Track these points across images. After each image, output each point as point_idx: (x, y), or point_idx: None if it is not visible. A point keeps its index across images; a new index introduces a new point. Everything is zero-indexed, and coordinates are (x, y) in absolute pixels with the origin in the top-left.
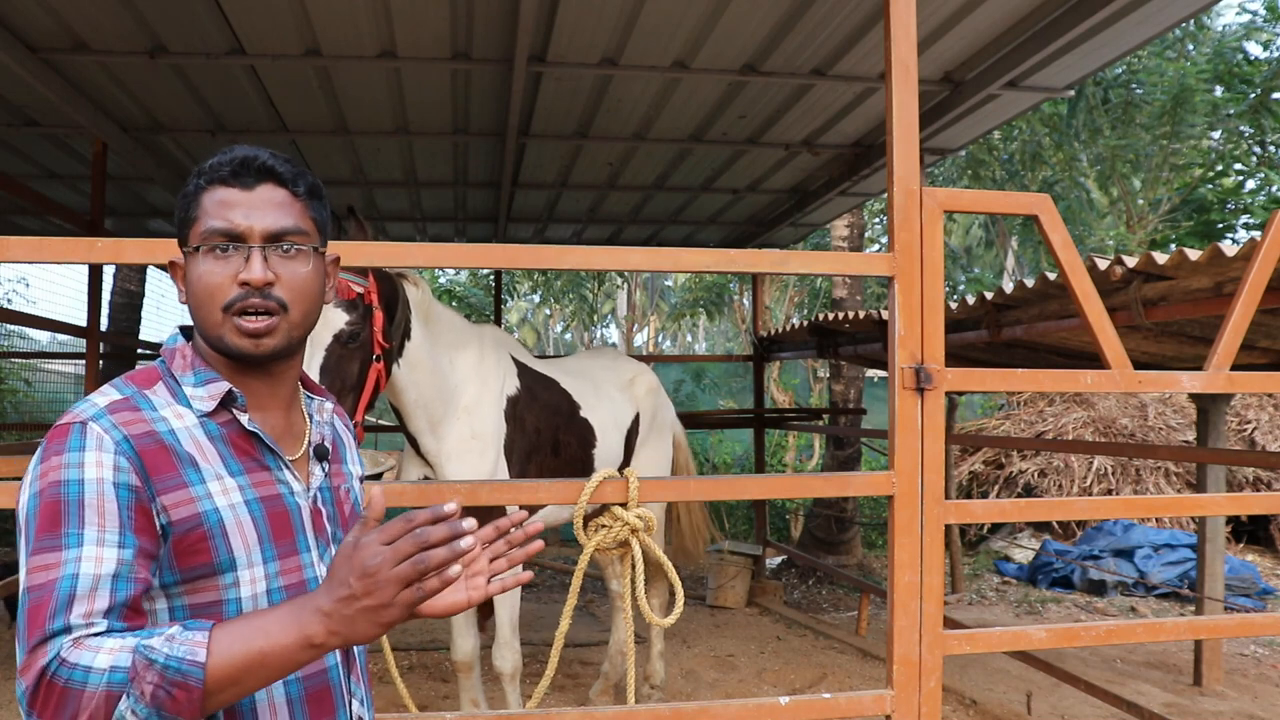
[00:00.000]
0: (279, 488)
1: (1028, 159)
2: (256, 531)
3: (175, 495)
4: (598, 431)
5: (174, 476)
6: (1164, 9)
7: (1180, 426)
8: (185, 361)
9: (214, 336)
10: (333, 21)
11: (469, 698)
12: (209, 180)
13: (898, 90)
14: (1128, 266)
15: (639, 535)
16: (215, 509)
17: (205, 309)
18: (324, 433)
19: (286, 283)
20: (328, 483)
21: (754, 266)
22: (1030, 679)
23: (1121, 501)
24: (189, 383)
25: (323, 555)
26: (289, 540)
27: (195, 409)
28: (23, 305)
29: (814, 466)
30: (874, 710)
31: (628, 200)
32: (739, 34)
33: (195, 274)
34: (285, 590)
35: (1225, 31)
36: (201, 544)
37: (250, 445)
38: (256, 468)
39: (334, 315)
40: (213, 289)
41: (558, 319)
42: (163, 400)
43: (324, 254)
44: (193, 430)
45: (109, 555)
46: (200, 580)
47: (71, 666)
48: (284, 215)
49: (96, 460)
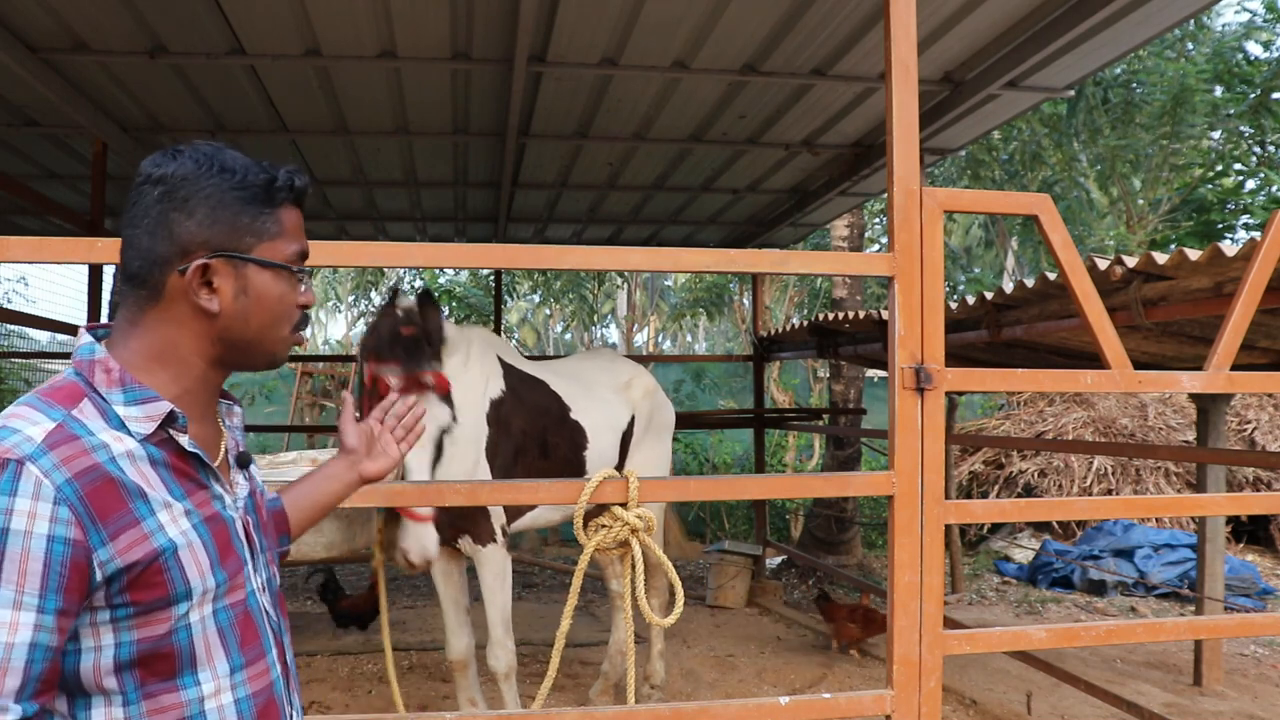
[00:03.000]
0: (215, 504)
1: (1027, 159)
2: (207, 555)
3: (129, 535)
4: (589, 433)
5: (125, 514)
6: (1164, 9)
7: (1180, 426)
8: (110, 376)
9: (269, 352)
10: (333, 21)
11: (466, 697)
12: (288, 198)
13: (898, 90)
14: (1128, 266)
15: (639, 535)
16: (170, 540)
17: (278, 327)
18: (236, 439)
19: None
20: (248, 490)
21: (754, 266)
22: (1030, 679)
23: (1121, 501)
24: (118, 401)
25: (256, 567)
26: (233, 557)
27: (133, 432)
28: (23, 305)
29: (814, 466)
30: (874, 710)
31: (628, 200)
32: (739, 34)
33: (276, 292)
34: (231, 608)
35: (1225, 31)
36: (158, 578)
37: (188, 465)
38: (195, 488)
39: (440, 412)
40: (290, 310)
41: (558, 319)
42: (96, 424)
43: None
44: (134, 456)
45: (26, 620)
46: (154, 613)
47: None
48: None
49: (30, 510)
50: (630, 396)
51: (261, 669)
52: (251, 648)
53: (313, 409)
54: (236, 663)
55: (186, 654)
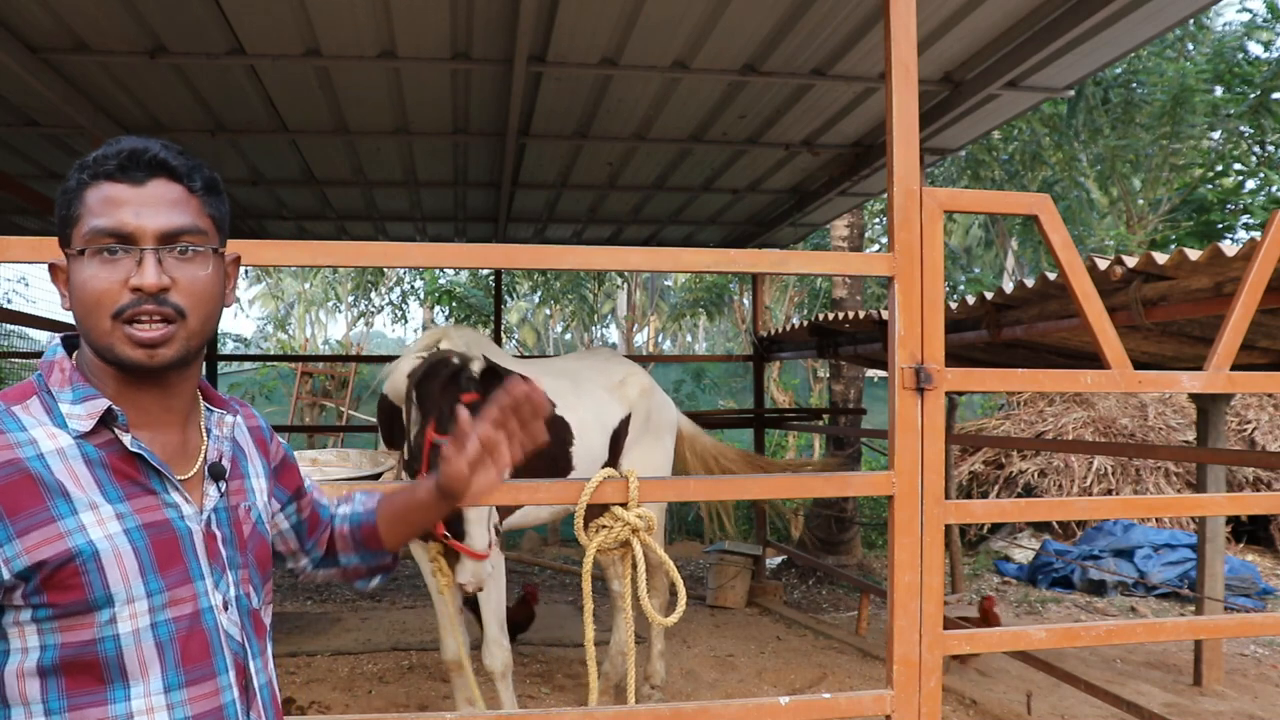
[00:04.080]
0: (166, 512)
1: (1027, 159)
2: (138, 561)
3: (41, 533)
4: (575, 429)
5: (39, 511)
6: (1164, 9)
7: (1180, 426)
8: (63, 376)
9: (103, 346)
10: (333, 21)
11: (464, 696)
12: (93, 175)
13: (898, 90)
14: (1128, 266)
15: (639, 535)
16: (89, 542)
17: (92, 317)
18: (222, 449)
19: (183, 287)
20: (224, 502)
21: (754, 266)
22: (1030, 679)
23: (1121, 501)
24: (66, 399)
25: (218, 583)
26: (179, 568)
27: (71, 429)
28: (23, 305)
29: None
30: (874, 710)
31: (628, 200)
32: (739, 34)
33: (80, 278)
34: (174, 622)
35: (1225, 31)
36: (74, 579)
37: (133, 468)
38: (139, 492)
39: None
40: (100, 295)
41: (558, 319)
42: (34, 419)
43: (224, 254)
44: (66, 453)
45: None
46: (74, 617)
47: None
48: (179, 213)
49: None
50: (625, 394)
51: (208, 690)
52: (197, 666)
53: (312, 409)
54: (174, 680)
55: (115, 665)
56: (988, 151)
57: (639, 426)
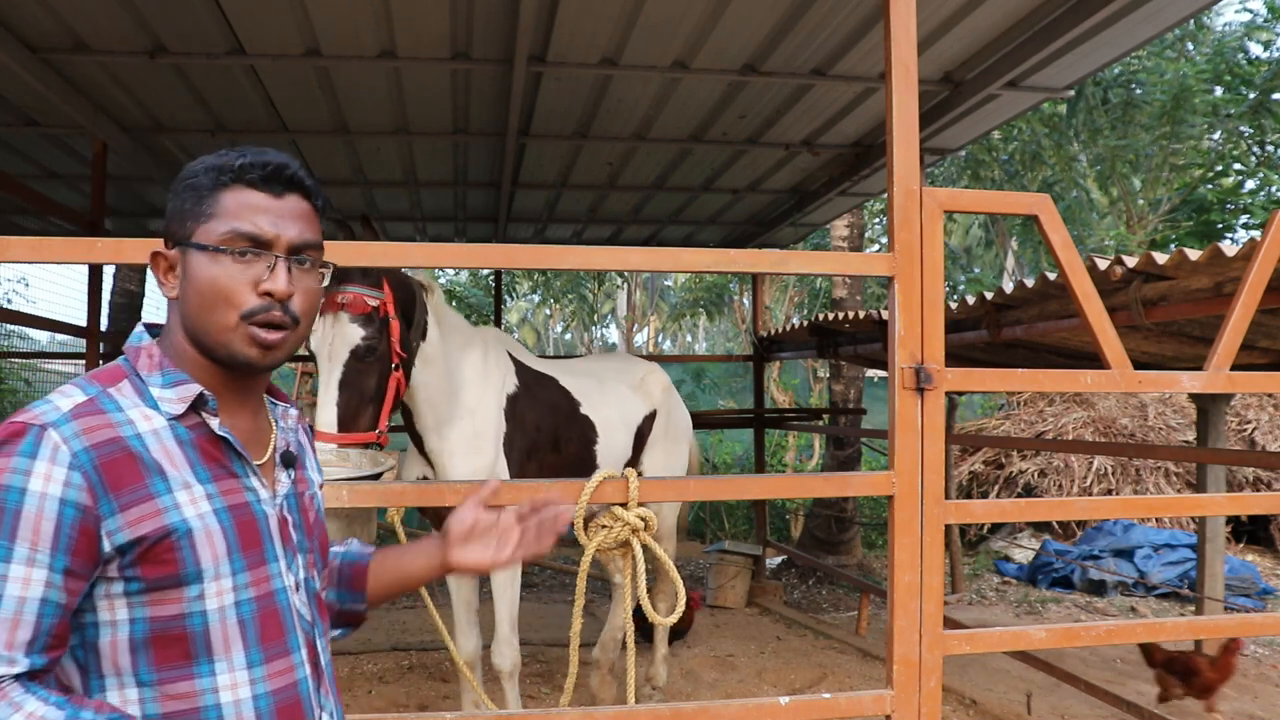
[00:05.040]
0: (246, 495)
1: (1027, 159)
2: (225, 542)
3: (141, 508)
4: (600, 428)
5: (139, 488)
6: (1164, 9)
7: (1180, 426)
8: (152, 361)
9: (218, 341)
10: (333, 21)
11: (470, 698)
12: (234, 179)
13: (898, 90)
14: (1128, 266)
15: (639, 535)
16: (184, 520)
17: (216, 311)
18: (288, 439)
19: (301, 297)
20: (293, 490)
21: (754, 266)
22: (1030, 679)
23: (1121, 501)
24: (156, 383)
25: (290, 565)
26: (257, 550)
27: (163, 411)
28: (23, 305)
29: (814, 466)
30: (874, 710)
31: (628, 200)
32: (739, 34)
33: (207, 273)
34: (254, 602)
35: (1225, 31)
36: (169, 555)
37: (219, 451)
38: (224, 475)
39: (350, 330)
40: (230, 293)
41: (558, 319)
42: (129, 400)
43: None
44: (161, 434)
45: (38, 577)
46: (165, 591)
47: None
48: (308, 228)
49: (45, 472)
50: (648, 391)
51: (284, 667)
52: (274, 644)
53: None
54: (255, 657)
55: (201, 640)
56: (988, 151)
57: (662, 426)
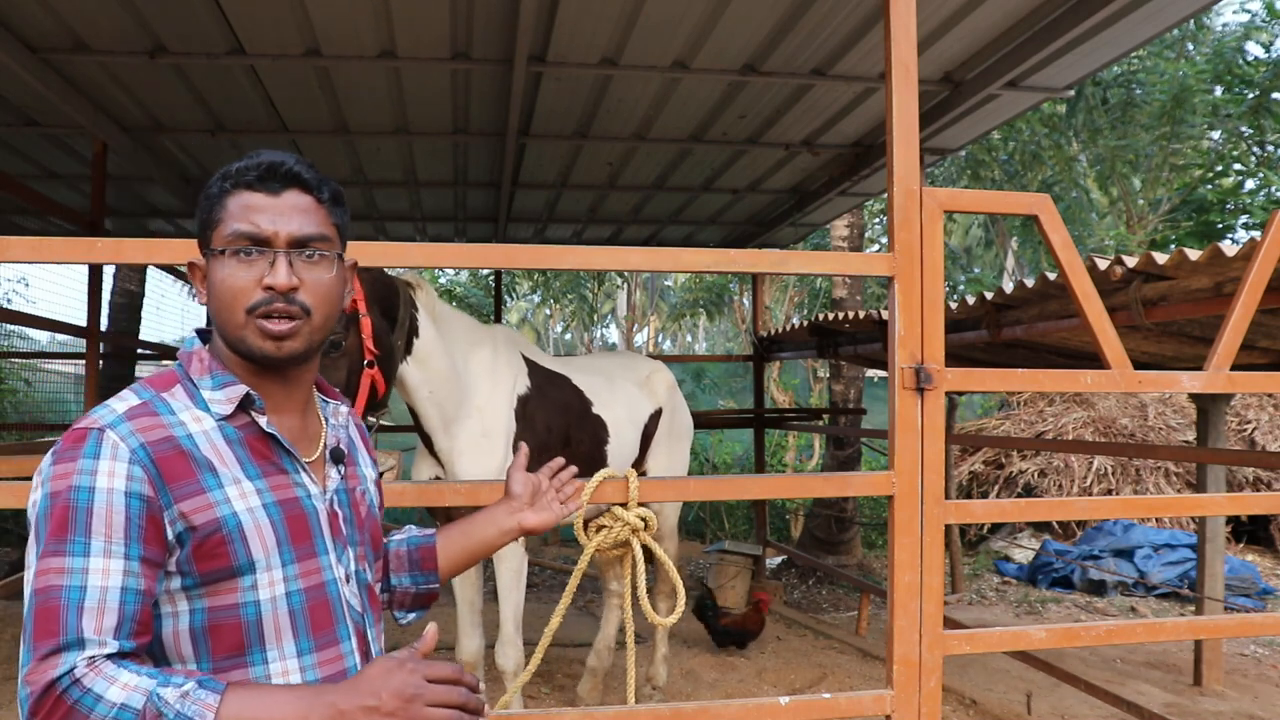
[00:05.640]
0: (296, 490)
1: (1027, 159)
2: (275, 534)
3: (194, 501)
4: (611, 428)
5: (192, 483)
6: (1164, 9)
7: (1180, 426)
8: (203, 365)
9: (235, 338)
10: (333, 21)
11: None
12: (235, 184)
13: (898, 90)
14: (1128, 266)
15: (639, 535)
16: (234, 513)
17: (228, 311)
18: (339, 435)
19: (310, 288)
20: (344, 485)
21: (754, 266)
22: (1030, 679)
23: (1121, 501)
24: (206, 386)
25: (340, 557)
26: (307, 543)
27: (213, 412)
28: (23, 305)
29: (814, 466)
30: (874, 710)
31: (628, 200)
32: (739, 34)
33: (218, 276)
34: (304, 593)
35: (1225, 32)
36: (220, 548)
37: (268, 448)
38: (274, 471)
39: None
40: (236, 291)
41: (558, 319)
42: (181, 404)
43: (344, 259)
44: (210, 434)
45: (115, 567)
46: (220, 583)
47: (84, 690)
48: (309, 221)
49: (109, 469)
50: (653, 389)
51: (333, 655)
52: (324, 634)
53: None
54: (305, 645)
55: (255, 630)
56: (987, 151)
57: (666, 425)
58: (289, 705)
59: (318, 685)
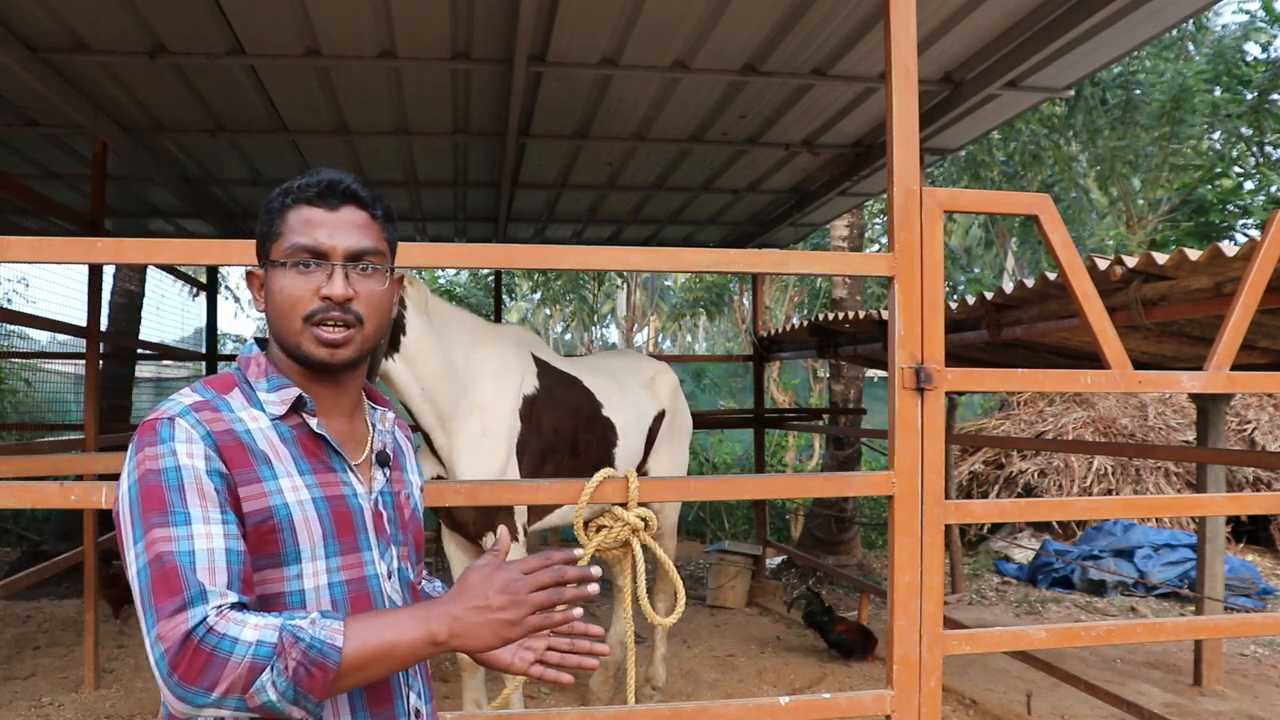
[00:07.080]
0: (343, 489)
1: (1027, 159)
2: (321, 528)
3: (251, 489)
4: (619, 430)
5: (250, 471)
6: (1164, 9)
7: (1180, 426)
8: (260, 369)
9: (292, 344)
10: (333, 21)
11: (472, 698)
12: (295, 199)
13: (898, 90)
14: (1128, 266)
15: (639, 535)
16: (285, 504)
17: (286, 319)
18: (385, 440)
19: (364, 299)
20: (389, 488)
21: (754, 266)
22: (1030, 679)
23: (1121, 501)
24: (262, 388)
25: (382, 554)
26: (351, 538)
27: (268, 412)
28: (23, 305)
29: (814, 466)
30: (874, 710)
31: (628, 200)
32: (739, 34)
33: (278, 286)
34: (346, 585)
35: (1225, 32)
36: (271, 536)
37: (318, 448)
38: (323, 469)
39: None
40: (295, 300)
41: (558, 319)
42: (239, 403)
43: (394, 272)
44: (266, 431)
45: (216, 531)
46: (267, 570)
47: (219, 635)
48: (364, 236)
49: (188, 450)
50: (657, 391)
51: None
52: None
53: None
54: None
55: None
56: (987, 152)
57: (669, 425)
58: (407, 619)
59: (427, 601)
